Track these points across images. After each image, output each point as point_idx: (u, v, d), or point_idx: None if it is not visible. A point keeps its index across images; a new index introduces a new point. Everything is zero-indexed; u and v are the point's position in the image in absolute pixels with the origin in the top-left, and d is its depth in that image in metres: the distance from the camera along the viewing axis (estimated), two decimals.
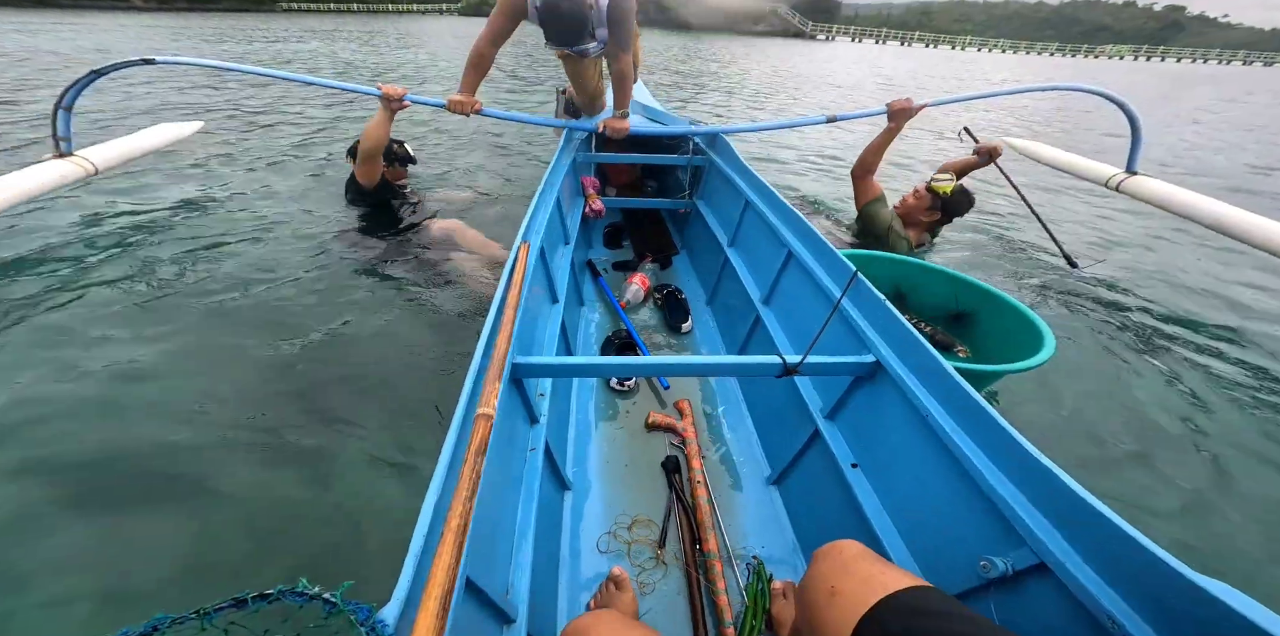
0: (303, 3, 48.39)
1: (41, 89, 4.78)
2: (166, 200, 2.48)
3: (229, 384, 1.35)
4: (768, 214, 1.51)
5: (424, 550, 0.50)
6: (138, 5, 37.12)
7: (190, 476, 1.11)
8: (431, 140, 3.70)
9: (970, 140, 2.18)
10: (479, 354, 0.76)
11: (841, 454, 0.96)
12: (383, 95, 1.82)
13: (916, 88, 10.90)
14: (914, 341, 0.85)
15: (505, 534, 0.78)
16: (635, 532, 1.03)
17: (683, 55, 15.19)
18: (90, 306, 1.66)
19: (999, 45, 54.95)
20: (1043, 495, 0.62)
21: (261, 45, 10.84)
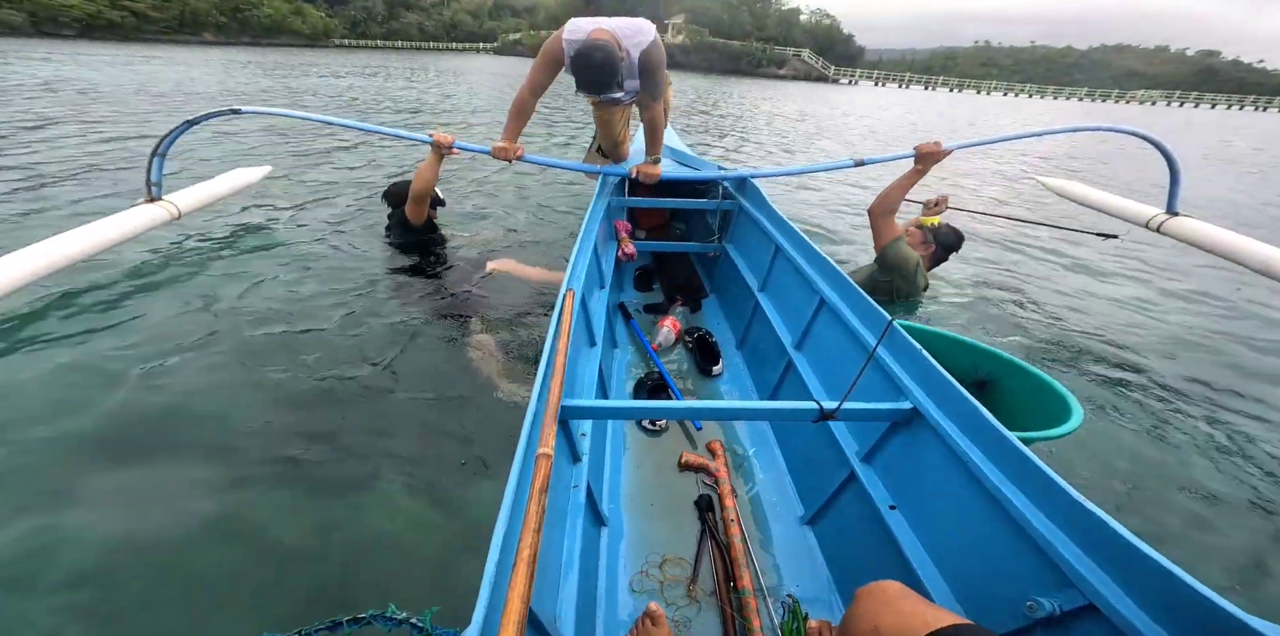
0: (353, 39, 54.37)
1: (123, 123, 5.46)
2: (226, 236, 2.66)
3: (282, 414, 1.42)
4: (799, 260, 1.54)
5: (496, 580, 0.54)
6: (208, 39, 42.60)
7: (248, 506, 1.15)
8: (458, 181, 4.01)
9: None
10: (535, 398, 0.81)
11: (879, 495, 0.97)
12: (434, 142, 1.96)
13: (946, 131, 11.04)
14: (952, 389, 0.86)
15: (553, 566, 0.82)
16: (668, 570, 1.04)
17: (708, 97, 16.09)
18: (148, 336, 1.72)
19: (1025, 90, 55.53)
20: (1090, 537, 0.62)
21: (318, 80, 12.14)
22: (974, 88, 54.45)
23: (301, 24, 50.09)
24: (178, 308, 1.93)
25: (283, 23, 48.36)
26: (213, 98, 8.02)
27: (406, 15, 61.24)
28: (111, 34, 37.54)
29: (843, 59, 52.88)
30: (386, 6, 60.50)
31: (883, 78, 52.75)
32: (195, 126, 2.05)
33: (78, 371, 1.53)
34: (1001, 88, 55.58)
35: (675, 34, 46.16)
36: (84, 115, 5.79)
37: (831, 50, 52.81)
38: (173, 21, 41.86)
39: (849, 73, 49.35)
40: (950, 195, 2.20)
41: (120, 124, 5.45)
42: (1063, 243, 3.61)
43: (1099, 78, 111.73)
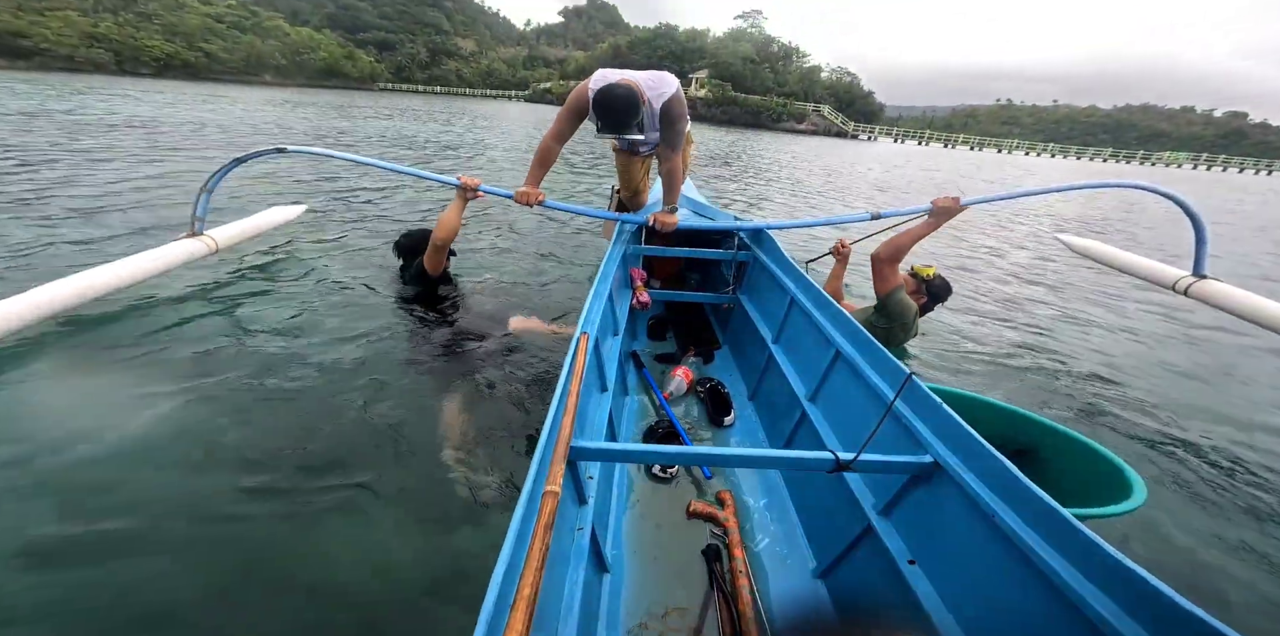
0: (397, 83, 58.86)
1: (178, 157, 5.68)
2: (252, 273, 2.66)
3: (278, 452, 1.41)
4: (814, 313, 1.53)
5: (493, 619, 0.53)
6: (268, 80, 46.59)
7: (236, 538, 1.15)
8: (475, 226, 4.04)
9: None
10: (544, 436, 0.81)
11: (897, 550, 0.94)
12: (460, 185, 1.98)
13: (953, 185, 11.09)
14: (975, 443, 0.85)
15: (552, 610, 0.80)
16: (671, 622, 1.00)
17: (732, 150, 16.69)
18: (163, 364, 1.75)
19: (1047, 149, 56.00)
20: (1129, 595, 0.61)
21: (361, 122, 13.01)
22: (994, 146, 55.19)
23: (352, 68, 54.83)
24: (188, 343, 1.93)
25: (335, 66, 53.01)
26: (288, 134, 8.85)
27: (447, 62, 66.75)
28: (183, 73, 41.53)
29: (863, 115, 54.59)
30: (429, 54, 66.14)
31: (902, 134, 54.06)
32: (243, 164, 2.14)
33: (78, 392, 1.57)
34: (1023, 146, 56.21)
35: (698, 88, 48.67)
36: (156, 145, 6.39)
37: (852, 106, 54.68)
38: (240, 63, 46.40)
39: (868, 129, 50.70)
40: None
41: (185, 155, 5.89)
42: (1091, 295, 3.54)
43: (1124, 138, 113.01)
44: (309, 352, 1.92)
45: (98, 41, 38.46)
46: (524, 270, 3.13)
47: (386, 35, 65.18)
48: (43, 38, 35.23)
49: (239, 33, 47.58)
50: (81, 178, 4.32)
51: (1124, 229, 7.13)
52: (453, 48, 69.51)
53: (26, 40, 34.38)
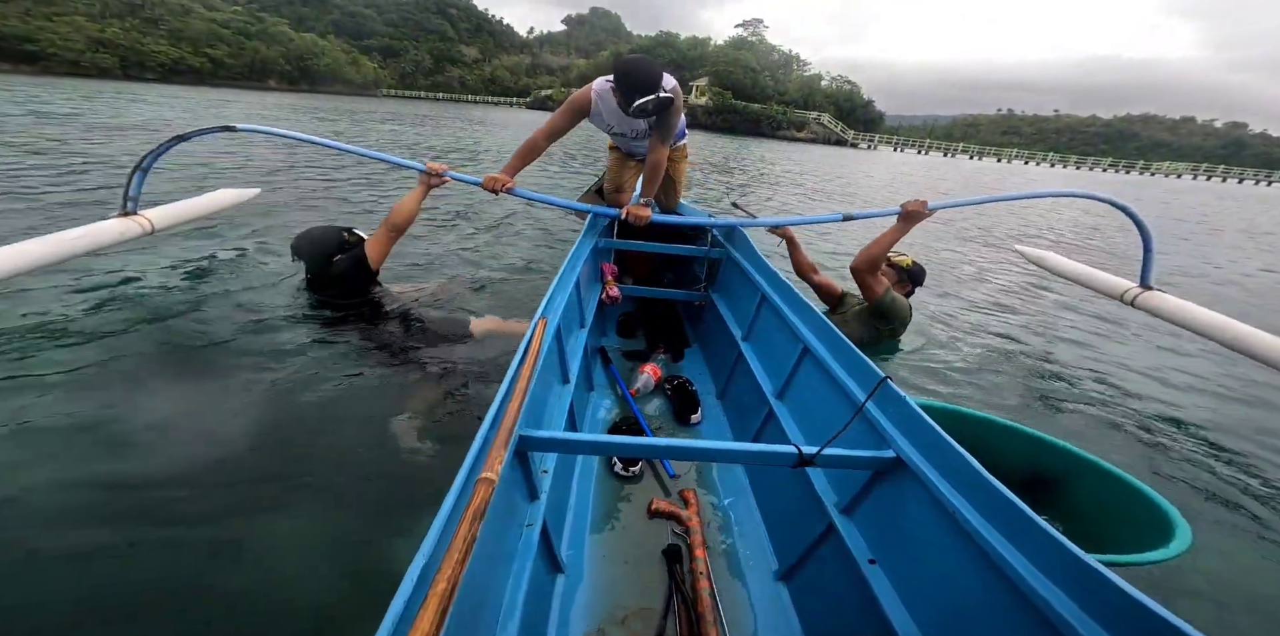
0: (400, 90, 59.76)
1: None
2: (198, 258, 2.58)
3: (204, 447, 1.37)
4: (783, 309, 1.53)
5: (401, 617, 0.48)
6: (272, 86, 47.39)
7: (148, 529, 1.11)
8: (428, 223, 3.83)
9: (744, 213, 2.27)
10: (487, 421, 0.77)
11: (858, 549, 0.93)
12: (426, 170, 1.92)
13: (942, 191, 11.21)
14: (938, 438, 0.85)
15: (490, 613, 0.76)
16: (630, 625, 0.98)
17: (735, 156, 16.62)
18: (78, 354, 1.66)
19: (1046, 159, 56.61)
20: (1090, 596, 0.60)
21: (374, 126, 13.06)
22: (994, 155, 55.82)
23: (356, 74, 55.75)
24: (129, 327, 1.85)
25: (339, 72, 53.92)
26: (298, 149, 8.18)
27: (451, 69, 67.86)
28: (188, 78, 42.24)
29: (863, 124, 55.30)
30: (434, 61, 67.25)
31: (901, 143, 54.69)
32: (184, 142, 2.02)
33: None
34: (1022, 155, 56.88)
35: (699, 95, 49.41)
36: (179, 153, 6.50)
37: (852, 115, 55.44)
38: (244, 68, 47.21)
39: (868, 137, 51.27)
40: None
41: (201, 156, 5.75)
42: (1080, 304, 3.37)
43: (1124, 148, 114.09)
44: (245, 348, 1.82)
45: (104, 46, 39.16)
46: (487, 268, 2.95)
47: (391, 42, 66.36)
48: (49, 42, 35.89)
49: (244, 38, 48.44)
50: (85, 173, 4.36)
51: (1108, 236, 7.21)
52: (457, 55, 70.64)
53: (33, 45, 35.02)
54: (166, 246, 2.67)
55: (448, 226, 3.87)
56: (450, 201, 4.64)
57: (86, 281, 2.20)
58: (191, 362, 1.76)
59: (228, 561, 1.08)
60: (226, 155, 5.97)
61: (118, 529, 1.11)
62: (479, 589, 0.70)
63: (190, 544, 1.11)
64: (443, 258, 3.07)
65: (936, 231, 5.83)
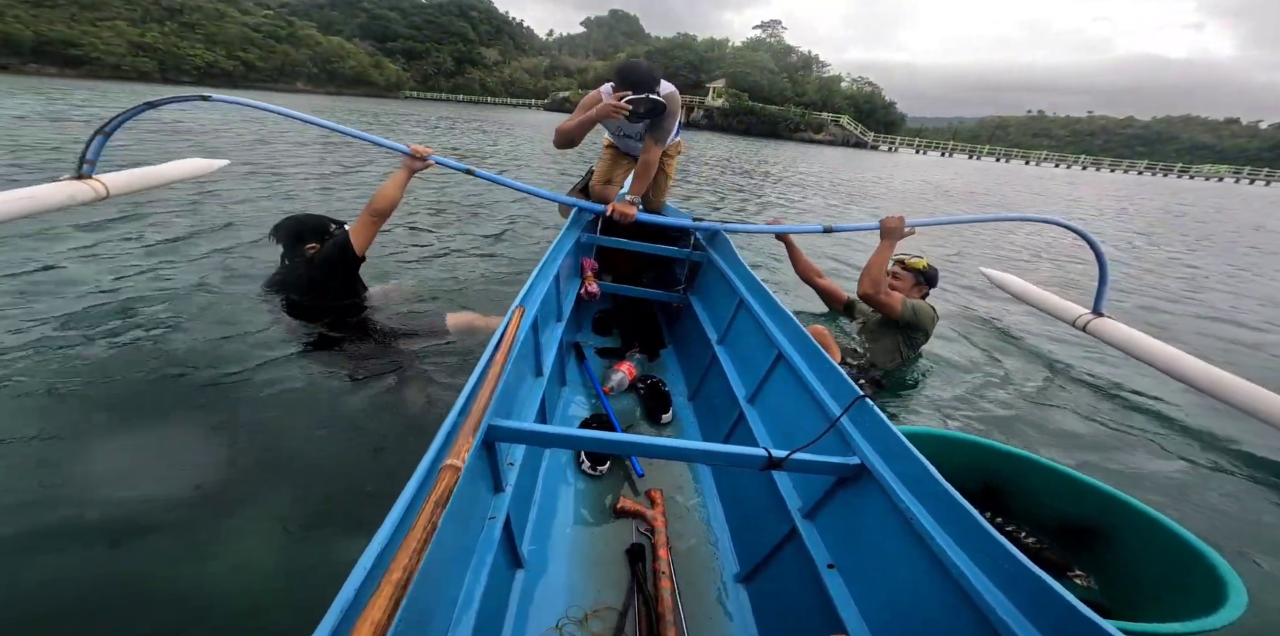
0: (422, 92, 61.32)
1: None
2: (161, 231, 2.62)
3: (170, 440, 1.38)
4: (760, 314, 1.55)
5: (351, 605, 0.46)
6: (300, 88, 49.14)
7: (110, 516, 1.10)
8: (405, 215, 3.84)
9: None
10: (456, 408, 0.77)
11: (819, 554, 0.95)
12: (410, 152, 1.84)
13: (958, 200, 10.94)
14: (903, 448, 0.86)
15: (445, 607, 0.74)
16: (590, 624, 0.98)
17: (754, 158, 16.53)
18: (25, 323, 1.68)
19: (1078, 161, 55.01)
20: (1030, 603, 0.62)
21: (408, 128, 13.45)
22: (1022, 157, 54.42)
23: (379, 76, 57.45)
24: (91, 295, 1.89)
25: (364, 74, 55.64)
26: (329, 147, 8.15)
27: (471, 71, 69.31)
28: (221, 81, 44.16)
29: (883, 126, 54.57)
30: (455, 63, 68.80)
31: (924, 145, 53.76)
32: (154, 109, 1.99)
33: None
34: (1052, 158, 55.33)
35: (715, 97, 49.48)
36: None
37: (872, 116, 54.79)
38: (274, 71, 49.13)
39: (889, 140, 50.58)
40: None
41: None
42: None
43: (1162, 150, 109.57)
44: (207, 341, 1.80)
45: (144, 51, 41.23)
46: (467, 262, 2.90)
47: (414, 44, 68.15)
48: (93, 47, 37.96)
49: (275, 42, 50.39)
50: None
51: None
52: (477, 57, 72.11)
53: (77, 49, 37.08)
54: (135, 223, 2.68)
55: (432, 217, 3.91)
56: (430, 193, 4.70)
57: (42, 257, 2.23)
58: (152, 357, 1.70)
59: (175, 555, 1.06)
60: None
61: (69, 526, 1.08)
62: (435, 581, 0.69)
63: (141, 538, 1.07)
64: (422, 250, 3.05)
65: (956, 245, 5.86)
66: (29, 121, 7.63)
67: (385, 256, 2.85)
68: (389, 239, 3.14)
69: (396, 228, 3.47)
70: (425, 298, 2.40)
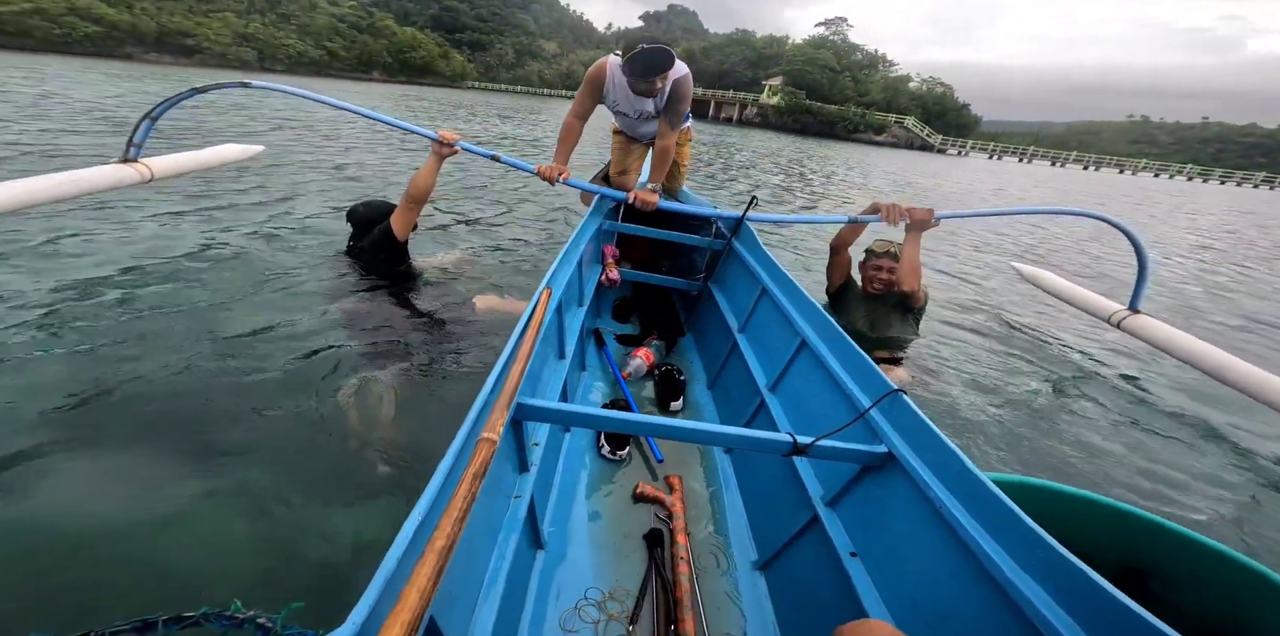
0: (485, 83, 64.42)
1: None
2: (211, 217, 2.83)
3: (204, 414, 1.42)
4: (784, 302, 1.56)
5: (395, 573, 0.47)
6: (375, 77, 52.96)
7: (158, 484, 1.14)
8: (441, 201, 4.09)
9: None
10: (488, 384, 0.79)
11: (841, 542, 0.96)
12: (438, 138, 1.92)
13: None
14: (932, 435, 0.86)
15: (473, 582, 0.77)
16: (608, 606, 0.99)
17: (807, 159, 16.04)
18: (99, 320, 1.75)
19: (1182, 171, 49.73)
20: (1069, 594, 0.61)
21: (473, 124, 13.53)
22: (1116, 166, 49.83)
23: (446, 66, 60.72)
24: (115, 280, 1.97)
25: (432, 64, 59.02)
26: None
27: (531, 63, 71.67)
28: (308, 70, 48.36)
29: (953, 128, 51.64)
30: (515, 55, 71.39)
31: (1001, 150, 50.37)
32: (200, 95, 2.06)
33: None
34: (1151, 167, 50.31)
35: (770, 95, 48.68)
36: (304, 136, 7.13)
37: (942, 118, 51.96)
38: (354, 61, 53.15)
39: (958, 143, 47.85)
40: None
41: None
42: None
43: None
44: (252, 316, 1.88)
45: (246, 41, 45.84)
46: (494, 247, 3.03)
47: (480, 36, 71.33)
48: (205, 37, 42.66)
49: (357, 32, 54.44)
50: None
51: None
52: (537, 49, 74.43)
53: (191, 40, 41.80)
54: (177, 199, 2.88)
55: (468, 199, 4.16)
56: (474, 177, 5.01)
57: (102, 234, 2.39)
58: (201, 321, 1.83)
59: (217, 523, 1.09)
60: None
61: (146, 489, 1.12)
62: (466, 557, 0.71)
63: (182, 503, 1.10)
64: (459, 229, 3.32)
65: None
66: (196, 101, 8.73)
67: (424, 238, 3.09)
68: (427, 222, 3.27)
69: (430, 214, 3.63)
70: (458, 272, 2.59)
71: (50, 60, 21.36)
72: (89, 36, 35.11)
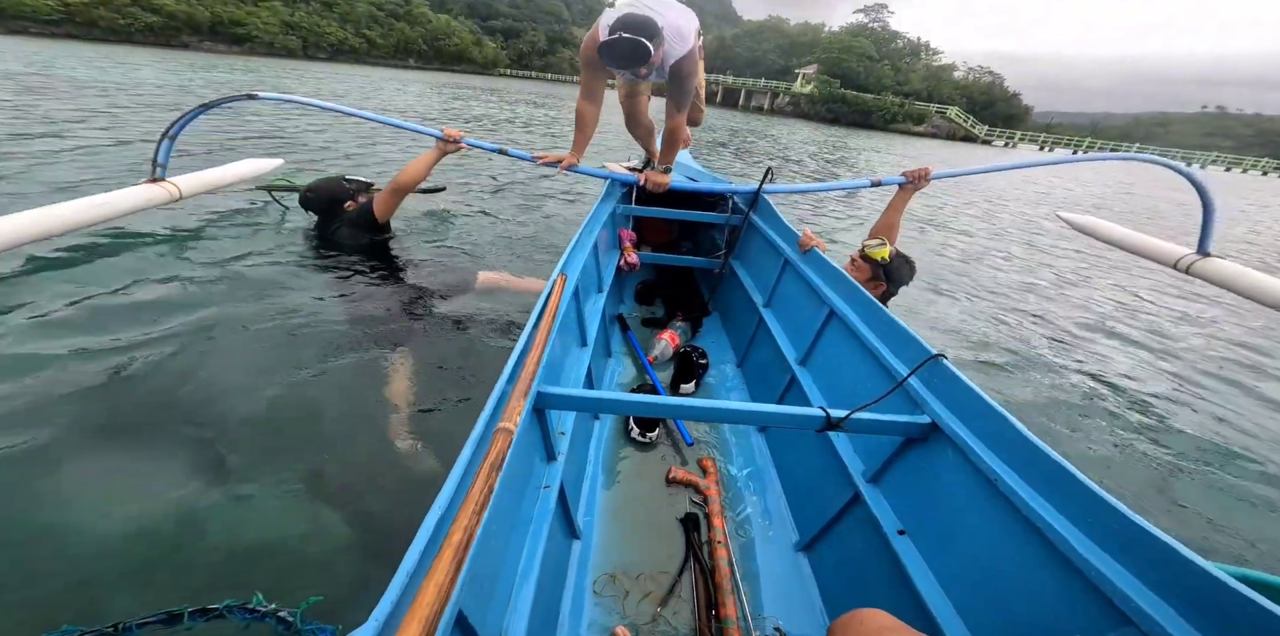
0: (516, 70, 65.55)
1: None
2: (219, 222, 2.76)
3: (214, 406, 1.42)
4: (808, 273, 1.55)
5: (417, 568, 0.48)
6: (410, 64, 54.68)
7: (172, 476, 1.15)
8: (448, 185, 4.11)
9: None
10: (505, 374, 0.78)
11: (887, 520, 0.93)
12: (443, 137, 2.01)
13: None
14: (979, 402, 0.83)
15: (506, 574, 0.77)
16: (645, 584, 1.00)
17: (835, 150, 15.81)
18: (121, 315, 1.76)
19: (1258, 166, 46.49)
20: (1151, 567, 0.58)
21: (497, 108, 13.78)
22: (1184, 159, 46.90)
23: (479, 54, 61.94)
24: (151, 289, 1.97)
25: (465, 52, 60.35)
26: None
27: (562, 51, 72.11)
28: (348, 57, 50.31)
29: (1001, 119, 49.60)
30: (547, 42, 71.95)
31: (1053, 142, 48.13)
32: (210, 110, 2.11)
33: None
34: (1223, 161, 47.17)
35: (804, 84, 47.73)
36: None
37: (989, 109, 49.94)
38: (391, 48, 54.93)
39: (1005, 134, 45.97)
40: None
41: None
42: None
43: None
44: (260, 308, 1.88)
45: (292, 29, 47.99)
46: (498, 229, 3.02)
47: (513, 23, 72.17)
48: (255, 25, 44.89)
49: (394, 20, 56.11)
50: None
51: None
52: (569, 36, 74.72)
53: (242, 28, 44.06)
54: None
55: (475, 185, 4.22)
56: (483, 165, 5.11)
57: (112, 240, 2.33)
58: (203, 312, 1.83)
59: (239, 516, 1.09)
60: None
61: (148, 482, 1.13)
62: (497, 549, 0.72)
63: (196, 501, 1.11)
64: (462, 211, 3.32)
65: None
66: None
67: (430, 225, 3.10)
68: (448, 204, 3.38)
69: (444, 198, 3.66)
70: (459, 250, 2.58)
71: (120, 49, 22.91)
72: (149, 26, 37.58)
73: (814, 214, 5.39)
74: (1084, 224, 2.92)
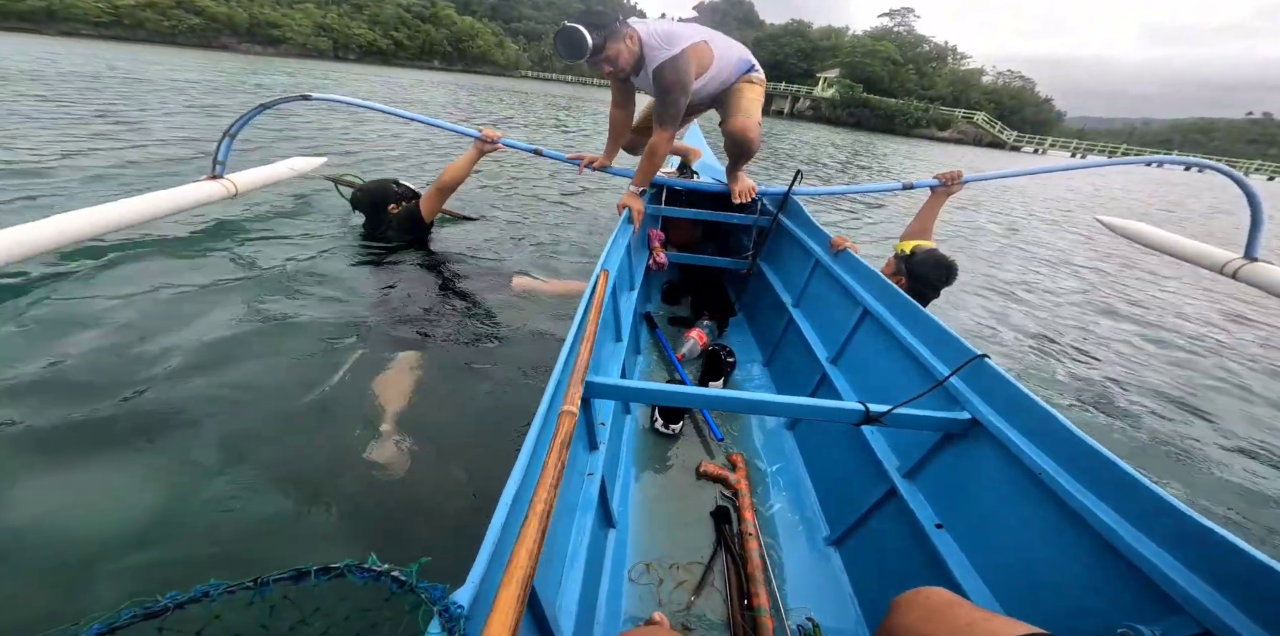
0: (537, 72, 66.63)
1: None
2: (265, 217, 2.85)
3: (313, 387, 1.51)
4: (840, 273, 1.57)
5: (502, 536, 0.52)
6: (435, 66, 56.02)
7: (263, 452, 1.25)
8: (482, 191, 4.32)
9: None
10: (561, 362, 0.84)
11: (924, 514, 0.95)
12: (481, 137, 2.13)
13: None
14: (1021, 396, 0.84)
15: (559, 556, 0.82)
16: (679, 574, 1.03)
17: (860, 153, 15.68)
18: (181, 314, 1.81)
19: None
20: (1200, 556, 0.59)
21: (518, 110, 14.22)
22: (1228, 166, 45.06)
23: (501, 56, 63.26)
24: (197, 280, 2.03)
25: (488, 53, 61.68)
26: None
27: None
28: (376, 59, 51.93)
29: (1031, 125, 48.70)
30: None
31: (1085, 148, 47.01)
32: (268, 110, 2.24)
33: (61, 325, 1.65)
34: (1266, 170, 45.52)
35: (825, 88, 47.57)
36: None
37: (1019, 114, 49.10)
38: (417, 50, 56.46)
39: (1035, 140, 45.10)
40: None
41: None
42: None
43: None
44: (306, 302, 1.96)
45: (324, 31, 49.75)
46: (532, 233, 3.13)
47: (536, 26, 73.45)
48: (290, 27, 46.68)
49: (420, 22, 57.66)
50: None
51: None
52: None
53: (278, 30, 45.86)
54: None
55: (512, 186, 4.39)
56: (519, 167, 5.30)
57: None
58: (261, 304, 1.91)
59: (335, 488, 1.19)
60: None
61: (242, 462, 1.22)
62: (552, 531, 0.71)
63: (289, 478, 1.20)
64: (501, 212, 3.51)
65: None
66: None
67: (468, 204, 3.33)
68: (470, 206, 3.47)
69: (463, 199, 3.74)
70: (498, 250, 2.69)
71: (167, 51, 24.10)
72: (192, 28, 39.45)
73: (847, 221, 5.33)
74: (1123, 227, 2.85)
